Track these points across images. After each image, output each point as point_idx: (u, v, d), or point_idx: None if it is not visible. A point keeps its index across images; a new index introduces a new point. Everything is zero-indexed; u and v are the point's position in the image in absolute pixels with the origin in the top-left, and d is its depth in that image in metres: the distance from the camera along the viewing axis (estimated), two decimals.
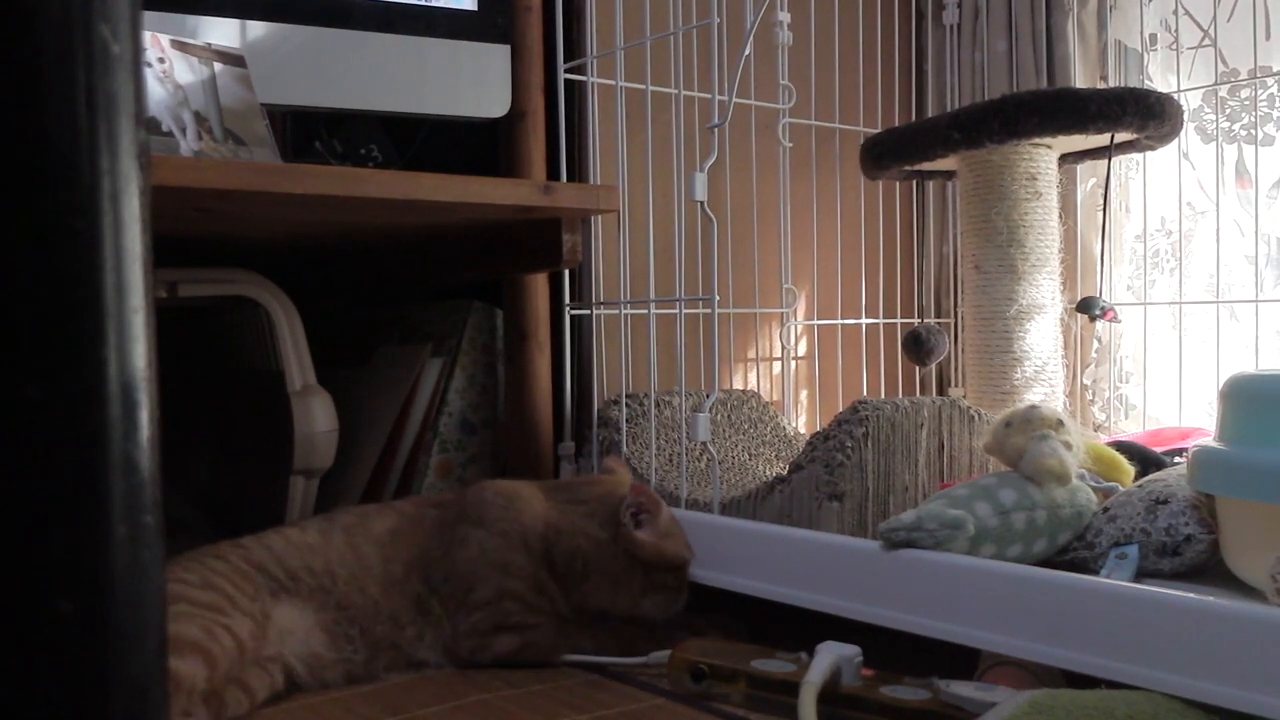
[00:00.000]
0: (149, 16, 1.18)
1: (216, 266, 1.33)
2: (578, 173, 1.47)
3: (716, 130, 1.20)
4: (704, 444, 1.17)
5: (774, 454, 1.45)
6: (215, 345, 1.55)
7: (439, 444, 1.47)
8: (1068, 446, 1.03)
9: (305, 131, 1.46)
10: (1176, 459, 1.24)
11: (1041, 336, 1.45)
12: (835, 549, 1.01)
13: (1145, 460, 1.20)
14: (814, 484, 1.10)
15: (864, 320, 1.73)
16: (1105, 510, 1.03)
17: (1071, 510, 1.02)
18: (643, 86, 1.35)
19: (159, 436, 0.33)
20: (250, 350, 1.44)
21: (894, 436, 1.13)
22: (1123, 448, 1.20)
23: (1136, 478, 1.15)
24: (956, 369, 1.81)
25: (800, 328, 1.73)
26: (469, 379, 1.50)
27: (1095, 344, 1.71)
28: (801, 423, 1.75)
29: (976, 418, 1.20)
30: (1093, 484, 1.09)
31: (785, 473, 1.14)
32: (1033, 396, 1.44)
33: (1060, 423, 1.05)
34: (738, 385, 1.66)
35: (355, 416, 1.49)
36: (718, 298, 1.20)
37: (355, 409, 1.50)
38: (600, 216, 1.43)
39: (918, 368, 1.71)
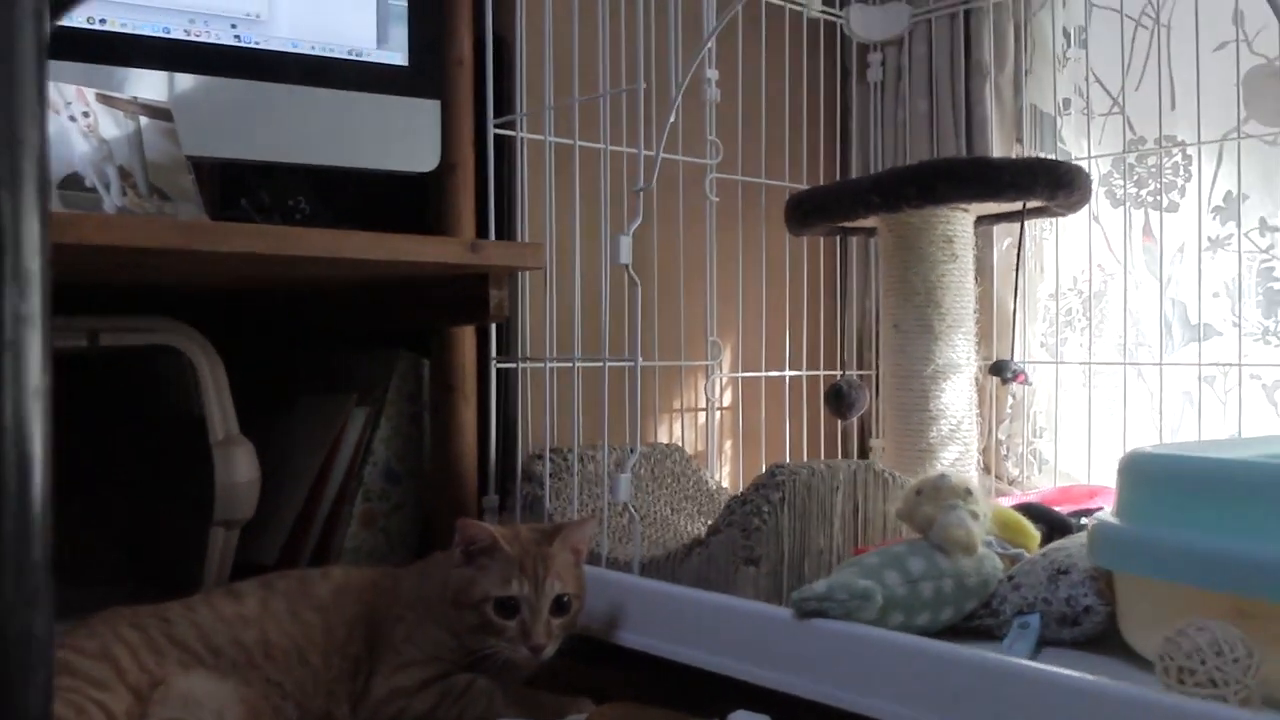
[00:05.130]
0: (75, 69, 1.18)
1: (138, 314, 1.32)
2: (507, 227, 1.48)
3: (642, 193, 1.22)
4: (626, 505, 1.18)
5: (695, 508, 1.47)
6: (137, 390, 1.54)
7: (363, 493, 1.47)
8: (975, 516, 1.06)
9: (234, 183, 1.45)
10: (1083, 519, 1.28)
11: (957, 395, 1.50)
12: (749, 615, 1.03)
13: (1051, 523, 1.24)
14: (731, 548, 1.12)
15: (787, 372, 1.77)
16: (1010, 578, 1.06)
17: (978, 579, 1.05)
18: (571, 142, 1.37)
19: (52, 495, 0.33)
20: (172, 397, 1.43)
21: (810, 501, 1.15)
22: (1029, 510, 1.24)
23: (1043, 540, 1.19)
24: (878, 420, 1.85)
25: (725, 379, 1.76)
26: (394, 428, 1.50)
27: (1010, 399, 1.76)
28: (726, 472, 1.78)
29: (891, 481, 1.23)
30: (999, 550, 1.12)
31: (703, 535, 1.16)
32: (948, 454, 1.48)
33: (968, 492, 1.08)
34: (663, 436, 1.68)
35: (279, 464, 1.48)
36: (640, 361, 1.22)
37: (279, 456, 1.49)
38: (530, 272, 1.45)
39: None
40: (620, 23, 1.43)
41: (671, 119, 1.21)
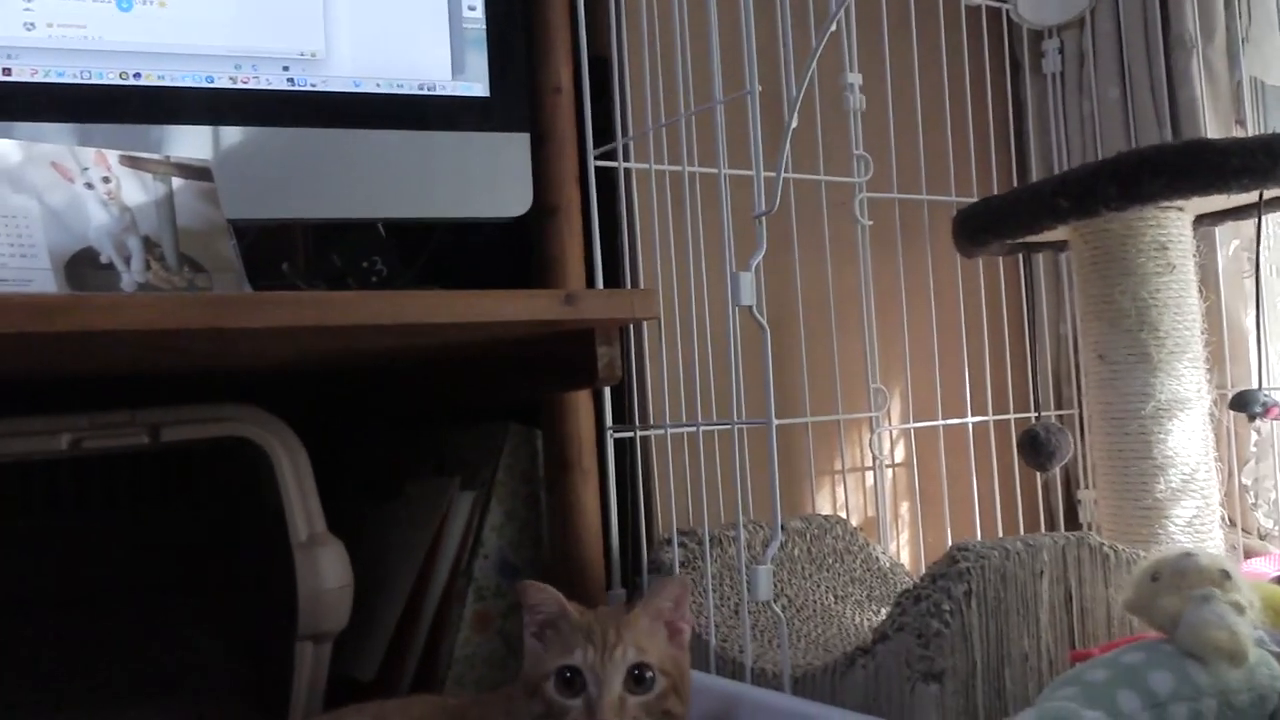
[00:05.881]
0: (105, 131, 1.04)
1: (207, 403, 1.17)
2: (622, 271, 1.28)
3: (765, 220, 0.99)
4: (767, 603, 0.94)
5: (865, 593, 1.21)
6: (215, 487, 1.40)
7: (474, 592, 1.27)
8: (1238, 609, 0.78)
9: (320, 246, 1.30)
10: None
11: (1188, 437, 1.20)
12: None
13: None
14: (905, 659, 0.86)
15: (970, 419, 1.49)
16: None
17: (1250, 695, 0.76)
18: (681, 169, 1.16)
19: None
20: (253, 492, 1.27)
21: (1006, 592, 0.89)
22: None
23: None
24: (1085, 468, 1.55)
25: (894, 432, 1.49)
26: (507, 513, 1.30)
27: (1254, 435, 1.44)
28: (904, 540, 1.51)
29: (1113, 556, 0.95)
30: (1275, 648, 0.83)
31: (869, 641, 0.91)
32: (1182, 511, 1.18)
33: (1225, 574, 0.80)
34: (823, 505, 1.43)
35: (377, 563, 1.31)
36: (775, 422, 0.98)
37: (377, 554, 1.32)
38: (646, 324, 1.24)
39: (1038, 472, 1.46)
40: (739, 25, 1.21)
41: (794, 123, 0.98)
